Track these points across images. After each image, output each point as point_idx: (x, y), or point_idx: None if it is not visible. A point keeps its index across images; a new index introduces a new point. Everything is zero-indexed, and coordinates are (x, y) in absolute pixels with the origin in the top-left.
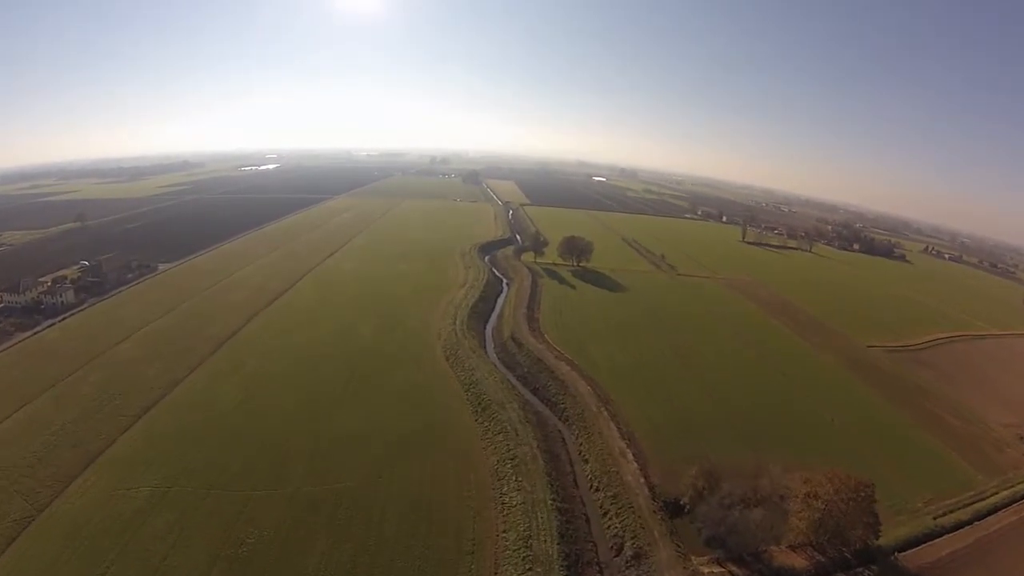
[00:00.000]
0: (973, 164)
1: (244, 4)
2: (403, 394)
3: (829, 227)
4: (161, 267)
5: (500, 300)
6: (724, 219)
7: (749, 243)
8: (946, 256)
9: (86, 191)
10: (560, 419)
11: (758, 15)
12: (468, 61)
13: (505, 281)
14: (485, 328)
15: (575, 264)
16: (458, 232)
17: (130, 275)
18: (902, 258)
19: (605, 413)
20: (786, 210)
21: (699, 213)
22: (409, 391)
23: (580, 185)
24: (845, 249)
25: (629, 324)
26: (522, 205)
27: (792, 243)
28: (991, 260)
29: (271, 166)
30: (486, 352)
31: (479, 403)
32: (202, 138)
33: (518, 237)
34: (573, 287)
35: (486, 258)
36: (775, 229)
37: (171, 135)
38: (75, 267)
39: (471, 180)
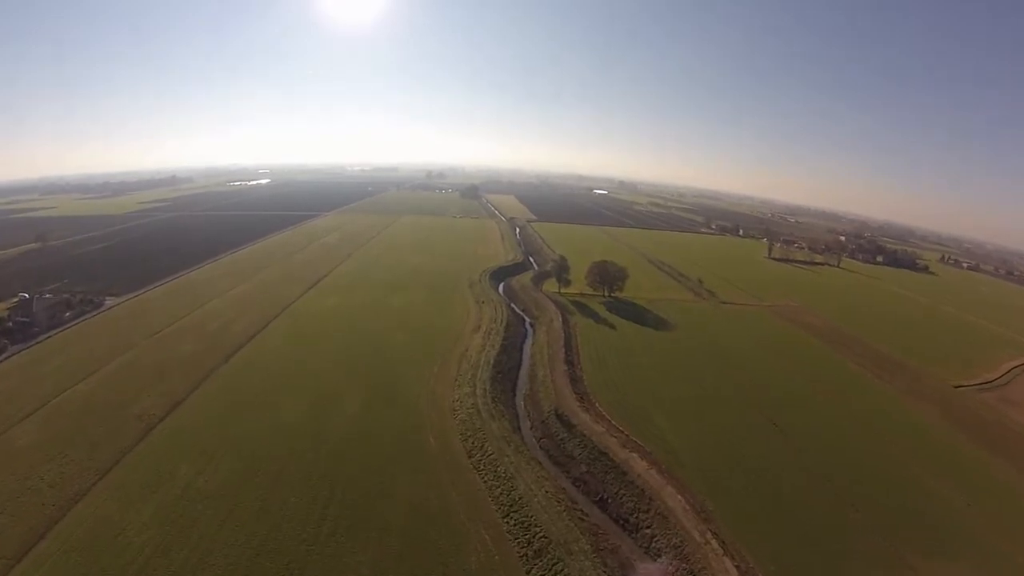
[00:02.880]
0: (965, 169)
1: (246, 23)
2: (409, 535)
3: (843, 238)
4: (108, 302)
5: (527, 348)
6: (741, 233)
7: (775, 259)
8: (964, 265)
9: (63, 207)
10: (648, 552)
11: (754, 25)
12: (464, 76)
13: (528, 321)
14: (515, 396)
15: (606, 294)
16: (462, 255)
17: (68, 313)
18: (925, 269)
19: (714, 543)
20: (793, 221)
21: (714, 227)
22: (419, 527)
23: (584, 199)
24: (869, 262)
25: (693, 378)
26: (529, 221)
27: (819, 258)
28: (1007, 268)
29: (262, 182)
30: (523, 438)
31: (530, 545)
32: (198, 153)
33: (532, 260)
34: (612, 326)
35: (499, 287)
36: (795, 243)
37: (168, 150)
38: (13, 300)
39: (470, 194)
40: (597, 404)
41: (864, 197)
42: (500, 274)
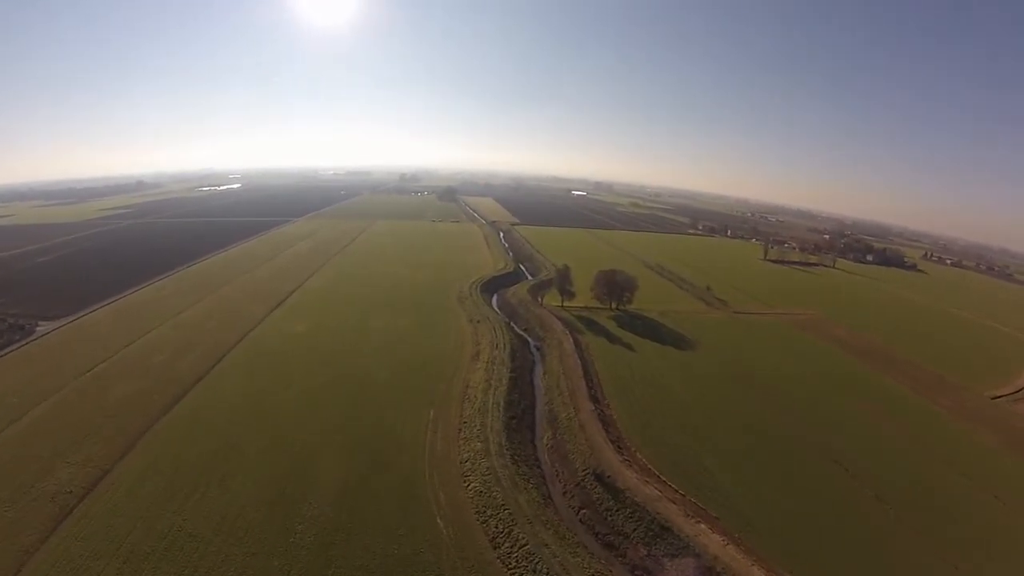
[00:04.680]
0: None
1: (222, 28)
2: None
3: (827, 236)
4: (40, 328)
5: (538, 379)
6: (729, 233)
7: (771, 261)
8: (947, 261)
9: (21, 215)
10: None
11: (720, 24)
12: (437, 80)
13: (533, 343)
14: (535, 447)
15: (613, 307)
16: (447, 264)
17: None
18: (914, 267)
19: None
20: (774, 220)
21: (701, 228)
22: None
23: (563, 200)
24: (859, 261)
25: (733, 408)
26: (513, 225)
27: (813, 258)
28: (987, 263)
29: (233, 186)
30: (557, 511)
31: None
32: (170, 159)
33: (524, 268)
34: (629, 347)
35: (493, 301)
36: (784, 243)
37: (138, 156)
38: None
39: (447, 197)
40: (638, 453)
41: (833, 195)
42: (492, 285)
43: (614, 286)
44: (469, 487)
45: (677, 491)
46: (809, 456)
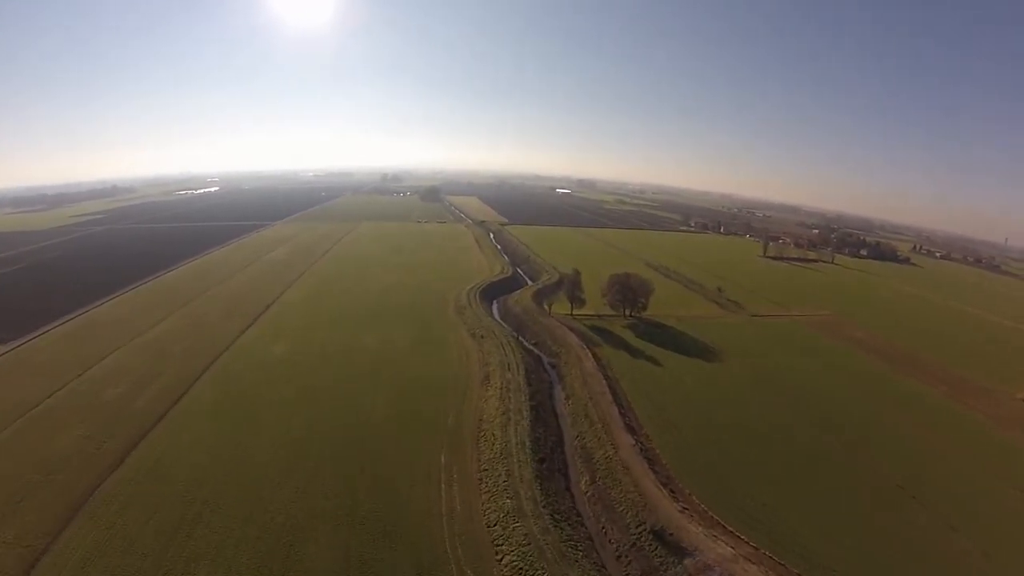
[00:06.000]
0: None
1: (196, 27)
2: None
3: (816, 231)
4: None
5: (559, 406)
6: (722, 230)
7: (771, 258)
8: (937, 255)
9: None
10: None
11: (693, 21)
12: (415, 81)
13: (547, 360)
14: (572, 496)
15: (627, 314)
16: (439, 268)
17: None
18: (907, 261)
19: None
20: (761, 215)
21: (693, 224)
22: None
23: (549, 198)
24: (855, 255)
25: (784, 434)
26: (502, 225)
27: (811, 254)
28: (974, 256)
29: (210, 189)
30: None
31: None
32: (148, 163)
33: (521, 272)
34: (654, 361)
35: (494, 309)
36: (779, 239)
37: (115, 161)
38: None
39: (431, 197)
40: (694, 497)
41: (813, 189)
42: (491, 292)
43: (628, 291)
44: (504, 562)
45: (749, 544)
46: (874, 483)
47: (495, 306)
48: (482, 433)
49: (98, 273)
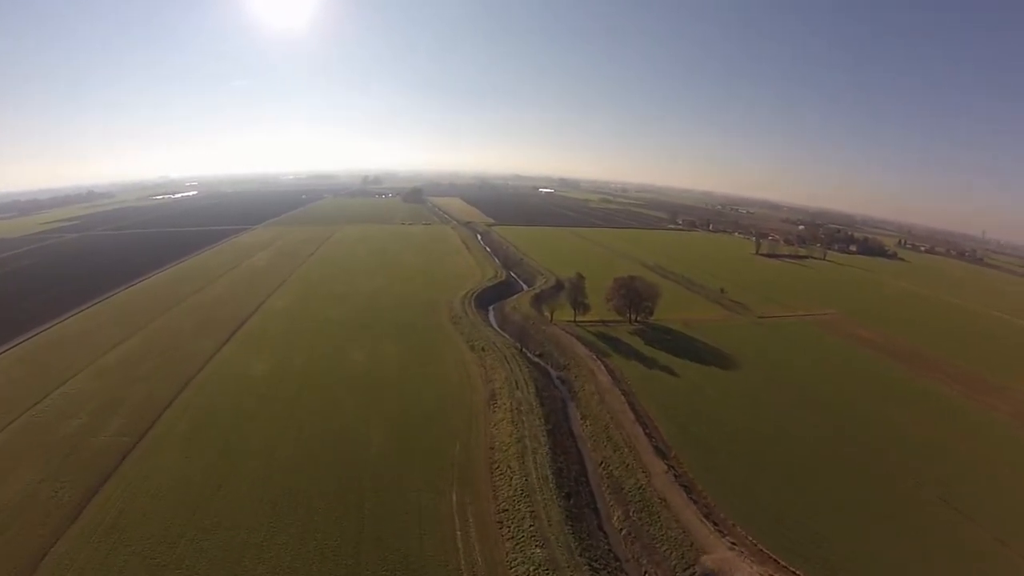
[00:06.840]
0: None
1: (170, 31)
2: None
3: (801, 227)
4: None
5: (575, 426)
6: (711, 228)
7: (764, 255)
8: (922, 249)
9: None
10: None
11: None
12: (394, 82)
13: (555, 374)
14: (606, 536)
15: (632, 319)
16: (429, 273)
17: None
18: (895, 256)
19: None
20: (745, 212)
21: (680, 223)
22: None
23: (533, 198)
24: (844, 251)
25: (818, 448)
26: (489, 226)
27: (803, 251)
28: (957, 250)
29: (189, 194)
30: None
31: None
32: (127, 168)
33: (514, 275)
34: (669, 370)
35: (490, 316)
36: (768, 236)
37: (92, 165)
38: None
39: (414, 199)
40: (739, 528)
41: (791, 185)
42: (485, 298)
43: (635, 295)
44: None
45: None
46: (918, 497)
47: (491, 313)
48: (496, 465)
49: (67, 282)
